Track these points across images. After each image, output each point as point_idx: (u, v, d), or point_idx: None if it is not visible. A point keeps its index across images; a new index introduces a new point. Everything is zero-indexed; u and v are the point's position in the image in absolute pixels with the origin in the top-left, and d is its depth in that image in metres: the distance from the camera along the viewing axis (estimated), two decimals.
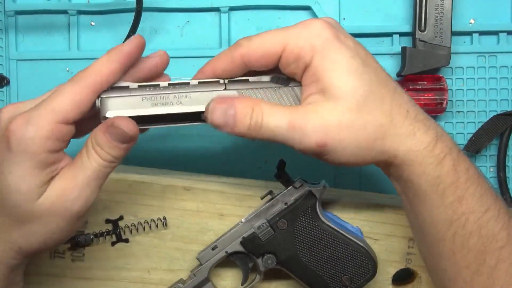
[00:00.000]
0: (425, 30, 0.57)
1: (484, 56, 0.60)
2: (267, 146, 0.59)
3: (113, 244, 0.52)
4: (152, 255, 0.52)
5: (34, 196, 0.39)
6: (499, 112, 0.59)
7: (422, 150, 0.41)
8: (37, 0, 0.59)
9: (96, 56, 0.58)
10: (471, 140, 0.59)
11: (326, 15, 0.58)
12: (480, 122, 0.59)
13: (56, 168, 0.40)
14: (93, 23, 0.59)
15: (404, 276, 0.54)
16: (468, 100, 0.60)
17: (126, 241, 0.52)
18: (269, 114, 0.42)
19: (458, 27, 0.58)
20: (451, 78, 0.59)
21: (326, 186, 0.50)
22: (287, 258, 0.49)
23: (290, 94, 0.44)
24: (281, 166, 0.49)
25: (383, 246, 0.52)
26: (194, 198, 0.52)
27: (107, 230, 0.51)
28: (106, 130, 0.40)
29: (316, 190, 0.49)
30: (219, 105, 0.42)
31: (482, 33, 0.59)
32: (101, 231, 0.51)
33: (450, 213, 0.42)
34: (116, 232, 0.51)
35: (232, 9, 0.59)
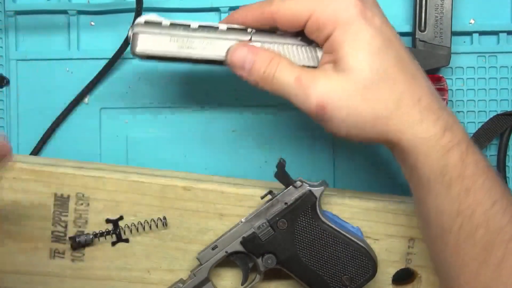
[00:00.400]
0: (425, 30, 0.57)
1: (484, 56, 0.60)
2: (267, 146, 0.59)
3: (113, 244, 0.52)
4: (152, 255, 0.52)
5: None
6: (499, 112, 0.59)
7: (428, 138, 0.42)
8: (37, 0, 0.59)
9: (96, 56, 0.59)
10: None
11: None
12: (480, 122, 0.59)
13: None
14: (93, 23, 0.59)
15: (404, 276, 0.54)
16: (468, 100, 0.60)
17: (126, 241, 0.52)
18: (282, 68, 0.44)
19: (458, 27, 0.58)
20: (451, 78, 0.59)
21: (326, 186, 0.50)
22: (287, 258, 0.49)
23: (311, 54, 0.46)
24: (281, 165, 0.49)
25: (383, 246, 0.52)
26: (194, 198, 0.52)
27: (107, 230, 0.51)
28: None
29: (316, 190, 0.49)
30: (242, 47, 0.45)
31: (482, 33, 0.59)
32: (101, 231, 0.51)
33: (456, 204, 0.42)
34: (116, 232, 0.51)
35: (232, 9, 0.59)
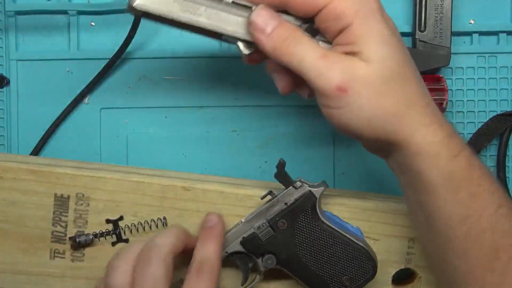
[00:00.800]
0: (425, 31, 0.57)
1: (484, 56, 0.60)
2: (267, 146, 0.59)
3: (113, 244, 0.52)
4: None
5: None
6: (499, 112, 0.59)
7: (438, 142, 0.41)
8: (37, 0, 0.59)
9: (96, 56, 0.59)
10: (471, 140, 0.59)
11: None
12: (480, 122, 0.59)
13: None
14: (93, 24, 0.59)
15: (404, 276, 0.54)
16: (468, 100, 0.60)
17: (126, 241, 0.52)
18: (305, 41, 0.42)
19: (458, 28, 0.58)
20: (451, 79, 0.59)
21: (326, 186, 0.50)
22: (287, 258, 0.49)
23: None
24: (280, 166, 0.49)
25: (383, 246, 0.52)
26: (194, 198, 0.52)
27: (107, 230, 0.51)
28: None
29: (316, 191, 0.49)
30: (268, 12, 0.43)
31: (482, 33, 0.59)
32: (101, 231, 0.51)
33: (464, 209, 0.42)
34: (116, 232, 0.51)
35: None
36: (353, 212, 0.52)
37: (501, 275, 0.42)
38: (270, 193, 0.50)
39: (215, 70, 0.59)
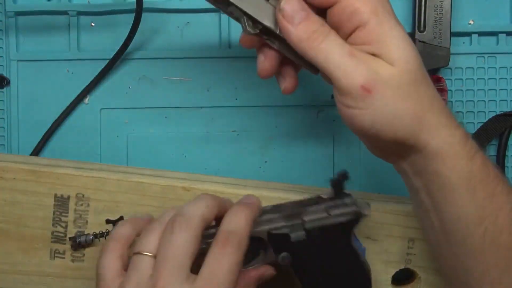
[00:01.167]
0: (424, 31, 0.57)
1: (483, 57, 0.60)
2: (267, 146, 0.59)
3: None
4: None
5: None
6: (498, 112, 0.59)
7: (456, 143, 0.41)
8: (37, 1, 0.59)
9: (96, 56, 0.59)
10: None
11: None
12: (479, 122, 0.59)
13: None
14: (93, 24, 0.59)
15: (404, 276, 0.54)
16: (467, 100, 0.60)
17: None
18: (334, 37, 0.41)
19: (457, 28, 0.58)
20: (450, 79, 0.59)
21: (369, 209, 0.47)
22: (304, 263, 0.47)
23: None
24: (343, 176, 0.46)
25: (383, 246, 0.52)
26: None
27: (107, 231, 0.51)
28: None
29: (362, 214, 0.46)
30: (299, 2, 0.41)
31: (481, 34, 0.60)
32: (101, 232, 0.51)
33: (481, 209, 0.41)
34: None
35: None
36: None
37: None
38: (319, 198, 0.47)
39: (215, 70, 0.59)
